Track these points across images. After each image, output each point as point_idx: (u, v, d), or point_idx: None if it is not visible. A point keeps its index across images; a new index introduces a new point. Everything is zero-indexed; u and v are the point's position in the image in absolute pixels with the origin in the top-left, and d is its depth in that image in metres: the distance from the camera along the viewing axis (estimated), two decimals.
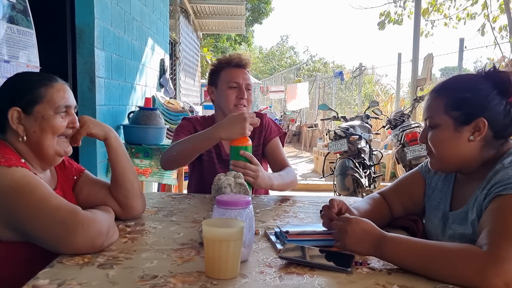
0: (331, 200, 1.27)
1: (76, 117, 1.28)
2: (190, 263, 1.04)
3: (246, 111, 1.81)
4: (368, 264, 1.06)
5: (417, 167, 1.47)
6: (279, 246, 1.16)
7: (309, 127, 10.54)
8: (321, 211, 1.28)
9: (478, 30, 8.81)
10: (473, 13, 9.39)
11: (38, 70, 2.21)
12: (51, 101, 1.21)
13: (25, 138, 1.19)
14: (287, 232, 1.20)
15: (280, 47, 31.97)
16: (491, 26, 8.39)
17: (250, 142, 1.61)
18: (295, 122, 12.53)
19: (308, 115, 13.96)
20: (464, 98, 1.17)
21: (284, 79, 16.96)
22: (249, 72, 1.97)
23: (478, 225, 1.09)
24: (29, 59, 2.16)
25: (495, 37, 8.11)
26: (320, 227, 1.24)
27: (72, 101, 1.27)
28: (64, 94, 1.24)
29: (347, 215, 1.17)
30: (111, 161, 1.39)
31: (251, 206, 1.09)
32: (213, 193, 1.35)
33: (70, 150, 1.28)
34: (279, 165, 1.94)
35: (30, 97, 1.19)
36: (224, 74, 1.89)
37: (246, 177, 1.53)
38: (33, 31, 2.17)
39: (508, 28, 7.82)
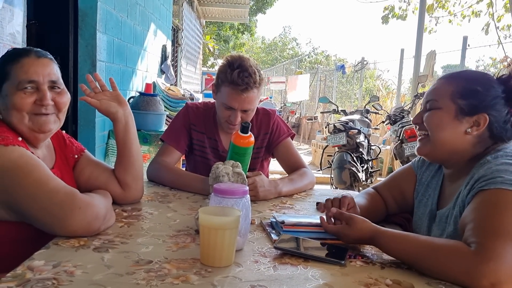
0: (344, 197, 1.27)
1: (47, 94, 1.18)
2: (185, 250, 1.05)
3: (238, 127, 1.65)
4: (362, 258, 1.07)
5: (410, 162, 1.47)
6: (274, 237, 1.17)
7: (308, 120, 10.54)
8: (317, 203, 1.28)
9: (482, 29, 8.77)
10: (478, 11, 9.33)
11: None
12: (13, 77, 1.17)
13: (1, 116, 1.19)
14: (282, 222, 1.20)
15: (282, 38, 31.82)
16: (495, 25, 8.34)
17: (252, 139, 1.56)
18: (295, 114, 12.51)
19: (308, 108, 13.94)
20: (474, 90, 1.17)
21: (286, 70, 16.90)
22: (257, 88, 1.71)
23: (459, 220, 1.10)
24: (14, 41, 2.15)
25: (498, 37, 8.07)
26: (316, 219, 1.24)
27: (44, 76, 1.18)
28: (29, 68, 1.17)
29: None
30: (126, 140, 1.38)
31: (248, 195, 1.09)
32: (210, 181, 1.35)
33: (48, 127, 1.21)
34: (292, 166, 1.88)
35: (0, 75, 1.18)
36: (223, 91, 1.71)
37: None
38: (22, 11, 2.15)
39: (511, 28, 7.79)
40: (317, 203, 1.28)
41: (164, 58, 5.15)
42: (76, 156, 1.38)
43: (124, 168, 1.38)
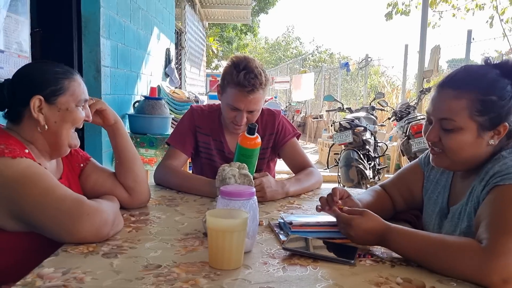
0: (334, 189, 1.26)
1: (89, 113, 1.31)
2: (194, 253, 1.05)
3: (244, 128, 1.69)
4: (372, 257, 1.06)
5: (417, 159, 1.46)
6: (282, 237, 1.16)
7: (314, 118, 10.52)
8: (317, 206, 1.26)
9: (486, 21, 8.71)
10: (482, 4, 9.27)
11: (29, 60, 2.21)
12: (74, 94, 1.23)
13: (46, 127, 1.20)
14: (290, 223, 1.20)
15: (286, 37, 31.80)
16: (499, 17, 8.29)
17: (259, 140, 1.55)
18: (300, 113, 12.49)
19: (313, 106, 13.92)
20: (490, 101, 1.10)
21: (290, 69, 16.89)
22: (263, 89, 1.71)
23: (474, 217, 1.09)
24: (20, 49, 2.16)
25: (503, 29, 8.02)
26: (324, 218, 1.24)
27: (87, 94, 1.29)
28: (84, 88, 1.27)
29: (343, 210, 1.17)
30: (119, 147, 1.40)
31: (255, 197, 1.09)
32: (217, 183, 1.35)
33: (78, 142, 1.31)
34: (299, 166, 1.87)
35: (54, 88, 1.20)
36: (229, 92, 1.70)
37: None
38: (27, 20, 2.16)
39: None
40: (316, 207, 1.26)
41: (168, 61, 5.16)
42: (82, 164, 1.39)
43: (122, 173, 1.39)
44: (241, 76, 1.65)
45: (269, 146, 1.89)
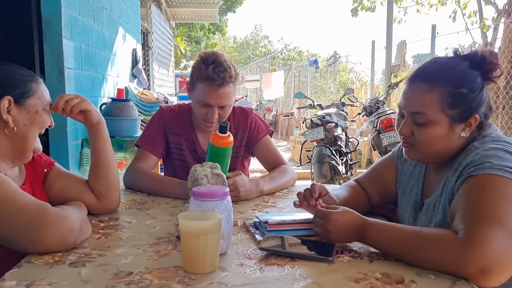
0: (313, 185, 1.24)
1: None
2: (167, 258, 1.00)
3: (216, 126, 1.65)
4: (349, 253, 1.05)
5: (390, 152, 1.46)
6: (258, 237, 1.14)
7: (285, 116, 10.56)
8: (294, 202, 1.25)
9: (450, 16, 8.94)
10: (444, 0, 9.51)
11: None
12: (41, 97, 1.21)
13: (15, 129, 1.15)
14: (266, 222, 1.17)
15: (254, 36, 31.80)
16: (461, 12, 8.52)
17: (231, 139, 1.52)
18: (271, 111, 12.52)
19: (284, 104, 13.96)
20: (461, 94, 1.10)
21: (259, 68, 16.88)
22: (233, 82, 1.68)
23: (449, 208, 1.09)
24: None
25: (465, 23, 8.25)
26: (300, 216, 1.22)
27: (50, 98, 1.26)
28: (48, 92, 1.25)
29: (319, 205, 1.15)
30: (97, 149, 1.34)
31: (229, 197, 1.05)
32: (189, 184, 1.31)
33: (41, 147, 1.27)
34: (273, 164, 1.85)
35: (23, 90, 1.17)
36: (199, 87, 1.66)
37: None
38: None
39: (478, 14, 7.96)
40: (294, 203, 1.25)
41: (135, 62, 5.05)
42: (46, 170, 1.33)
43: (95, 178, 1.33)
44: (210, 70, 1.62)
45: (242, 144, 1.86)
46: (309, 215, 1.20)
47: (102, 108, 3.48)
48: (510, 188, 0.98)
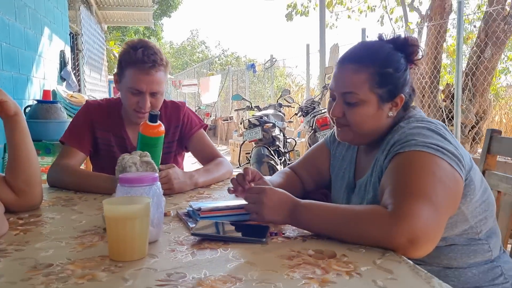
0: (246, 169, 1.23)
1: None
2: (92, 249, 0.94)
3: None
4: (283, 234, 1.04)
5: (323, 139, 1.49)
6: (191, 225, 1.10)
7: (224, 120, 10.53)
8: (229, 188, 1.23)
9: (378, 21, 9.40)
10: (373, 6, 10.00)
11: None
12: None
13: None
14: (199, 209, 1.14)
15: (191, 41, 31.56)
16: (389, 17, 8.98)
17: (162, 128, 1.46)
18: (210, 116, 12.45)
19: (223, 109, 13.95)
20: (387, 73, 1.15)
21: (197, 73, 16.76)
22: (164, 67, 1.63)
23: (378, 186, 1.12)
24: None
25: (392, 27, 8.71)
26: (233, 202, 1.20)
27: None
28: None
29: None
30: (15, 142, 1.24)
31: (158, 183, 1.01)
32: (117, 174, 1.24)
33: None
34: (207, 158, 1.81)
35: None
36: (128, 74, 1.60)
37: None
38: None
39: (403, 19, 8.42)
40: (228, 189, 1.23)
41: (63, 64, 4.81)
42: None
43: (14, 173, 1.23)
44: (140, 53, 1.56)
45: (175, 139, 1.81)
46: (243, 201, 1.18)
47: (27, 110, 3.27)
48: (434, 163, 1.02)
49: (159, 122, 1.44)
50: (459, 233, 1.13)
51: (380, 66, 1.15)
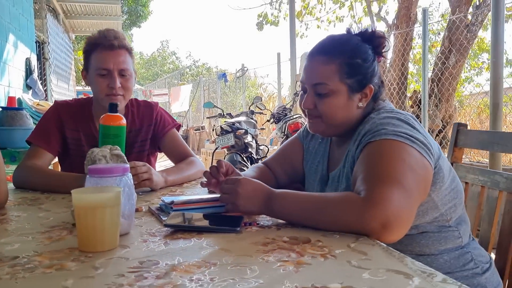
0: (219, 161, 1.23)
1: None
2: (60, 242, 0.91)
3: (122, 100, 1.62)
4: (258, 224, 1.03)
5: (296, 133, 1.50)
6: (164, 218, 1.08)
7: (196, 130, 10.48)
8: (202, 182, 1.23)
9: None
10: (341, 16, 10.20)
11: None
12: None
13: None
14: (172, 202, 1.12)
15: (161, 52, 31.38)
16: (357, 26, 9.17)
17: (124, 121, 1.41)
18: (182, 126, 12.37)
19: (195, 119, 13.88)
20: (356, 64, 1.17)
21: (168, 84, 16.64)
22: (127, 50, 1.65)
23: (351, 176, 1.13)
24: None
25: None
26: (207, 195, 1.19)
27: None
28: None
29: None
30: None
31: (129, 173, 0.99)
32: (86, 170, 1.21)
33: None
34: (180, 157, 1.78)
35: None
36: (94, 59, 1.61)
37: (142, 181, 1.38)
38: None
39: (371, 28, 8.62)
40: (201, 183, 1.22)
41: (29, 72, 4.70)
42: None
43: None
44: (103, 34, 1.60)
45: (148, 137, 1.79)
46: (216, 195, 1.17)
47: None
48: (404, 151, 1.04)
49: (119, 114, 1.41)
50: (430, 220, 1.15)
51: (349, 57, 1.18)
